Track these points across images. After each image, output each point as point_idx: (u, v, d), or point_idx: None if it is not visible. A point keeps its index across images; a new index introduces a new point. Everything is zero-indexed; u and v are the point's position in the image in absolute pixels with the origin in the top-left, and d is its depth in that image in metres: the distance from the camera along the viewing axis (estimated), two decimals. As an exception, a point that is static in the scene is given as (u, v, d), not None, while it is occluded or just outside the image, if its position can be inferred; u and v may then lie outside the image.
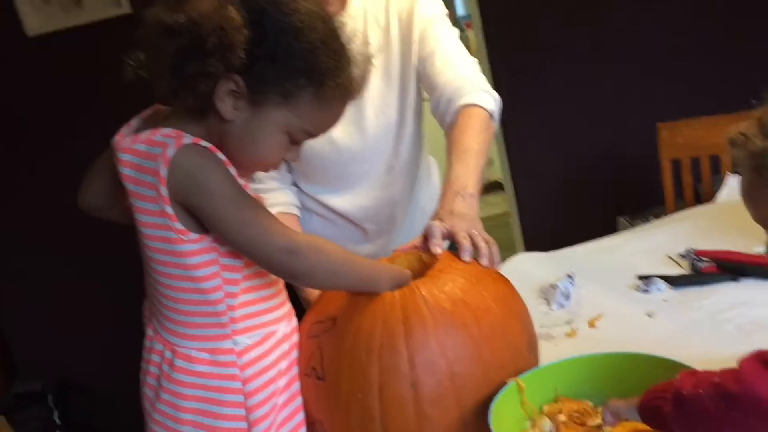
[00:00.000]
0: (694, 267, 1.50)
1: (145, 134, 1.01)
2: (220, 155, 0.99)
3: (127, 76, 1.00)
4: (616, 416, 0.97)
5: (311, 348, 1.08)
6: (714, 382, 0.78)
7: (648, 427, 0.98)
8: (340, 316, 1.07)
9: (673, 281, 1.47)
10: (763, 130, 0.75)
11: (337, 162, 1.49)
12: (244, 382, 1.04)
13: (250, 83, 0.96)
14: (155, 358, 1.09)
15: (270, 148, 1.03)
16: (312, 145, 1.45)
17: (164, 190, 0.97)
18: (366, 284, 1.08)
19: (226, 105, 0.97)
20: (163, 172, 0.96)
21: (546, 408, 1.05)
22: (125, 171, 1.02)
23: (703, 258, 1.50)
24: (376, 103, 1.48)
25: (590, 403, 1.04)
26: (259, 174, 1.49)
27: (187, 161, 0.97)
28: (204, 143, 0.98)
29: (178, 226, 0.99)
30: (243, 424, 1.04)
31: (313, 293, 1.36)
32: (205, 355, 1.05)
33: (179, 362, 1.05)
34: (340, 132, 1.47)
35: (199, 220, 1.00)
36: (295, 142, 1.04)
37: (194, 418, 1.05)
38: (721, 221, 1.70)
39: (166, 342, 1.07)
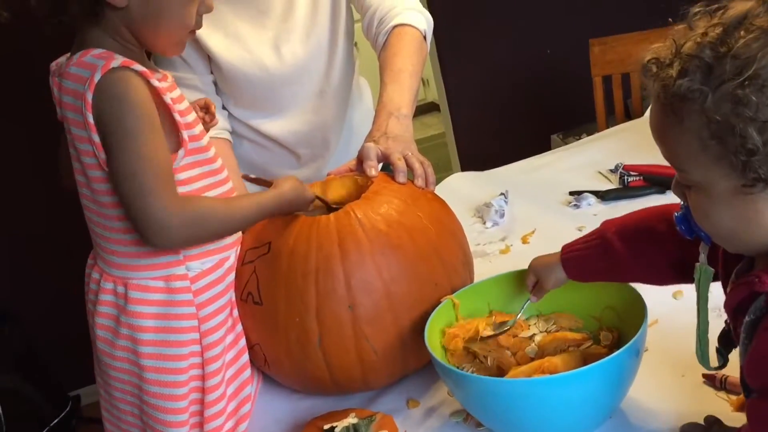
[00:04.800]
0: (623, 181, 1.54)
1: (77, 56, 0.97)
2: (154, 82, 0.96)
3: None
4: (540, 289, 1.02)
5: (247, 273, 1.08)
6: None
7: (576, 336, 1.02)
8: (274, 241, 1.07)
9: (603, 196, 1.51)
10: (680, 58, 0.65)
11: (266, 85, 1.45)
12: (198, 307, 1.04)
13: None
14: (106, 297, 1.06)
15: (179, 9, 0.99)
16: (240, 67, 1.42)
17: (90, 117, 0.94)
18: (255, 221, 1.08)
19: None
20: (89, 96, 0.93)
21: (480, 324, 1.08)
22: (65, 99, 0.98)
23: (631, 172, 1.54)
24: (306, 24, 1.44)
25: (522, 316, 1.08)
26: (187, 96, 1.40)
27: (114, 87, 0.94)
28: (137, 66, 0.95)
29: (103, 156, 0.97)
30: (197, 348, 1.05)
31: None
32: (159, 284, 1.04)
33: (134, 294, 1.04)
34: (269, 54, 1.43)
35: None
36: None
37: (154, 350, 1.04)
38: (649, 136, 1.72)
39: (117, 278, 1.05)
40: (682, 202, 0.76)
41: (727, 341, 0.80)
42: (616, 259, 0.92)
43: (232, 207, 1.04)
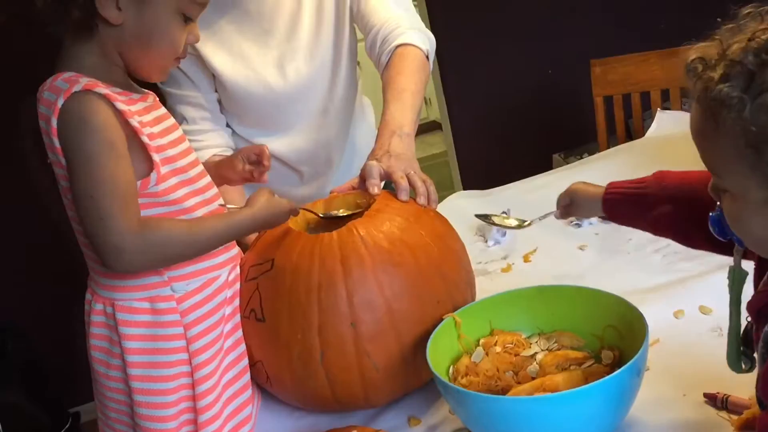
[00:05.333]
0: (624, 201, 1.54)
1: (50, 80, 0.97)
2: (119, 105, 0.96)
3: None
4: (569, 212, 1.05)
5: (250, 290, 1.09)
6: None
7: (578, 355, 1.02)
8: (278, 258, 1.07)
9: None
10: (725, 61, 0.63)
11: (270, 103, 1.46)
12: (186, 328, 1.04)
13: None
14: (98, 318, 1.06)
15: (170, 36, 1.00)
16: (244, 85, 1.43)
17: (56, 142, 0.95)
18: (227, 241, 1.07)
19: (109, 9, 0.95)
20: (54, 122, 0.94)
21: (482, 341, 1.08)
22: (41, 124, 0.98)
23: (632, 192, 1.54)
24: (310, 43, 1.45)
25: (523, 335, 1.08)
26: (192, 114, 1.46)
27: (73, 111, 0.93)
28: (99, 90, 0.94)
29: None
30: (186, 368, 1.04)
31: (251, 237, 1.36)
32: (145, 305, 1.04)
33: (121, 315, 1.04)
34: (273, 73, 1.44)
35: None
36: (189, 19, 1.02)
37: (142, 372, 1.04)
38: (650, 156, 1.75)
39: (105, 299, 1.05)
40: (717, 203, 0.74)
41: (748, 340, 0.79)
42: (658, 217, 0.93)
43: (195, 229, 1.01)
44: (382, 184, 1.20)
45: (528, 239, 1.50)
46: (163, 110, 1.07)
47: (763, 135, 0.61)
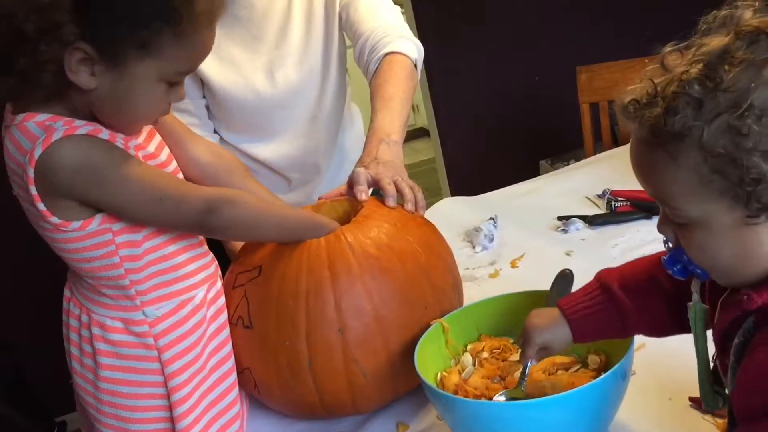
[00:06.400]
0: (610, 206, 1.56)
1: (22, 117, 0.92)
2: (103, 135, 0.93)
3: None
4: (545, 354, 0.95)
5: (238, 297, 1.08)
6: None
7: (564, 359, 1.03)
8: (265, 265, 1.07)
9: (591, 221, 1.53)
10: (665, 98, 0.64)
11: (258, 110, 1.47)
12: (160, 351, 1.02)
13: (99, 46, 0.86)
14: (73, 322, 1.05)
15: (149, 102, 0.94)
16: (233, 91, 1.43)
17: (33, 189, 0.90)
18: (290, 234, 1.07)
19: (82, 76, 0.88)
20: (30, 172, 0.89)
21: (470, 346, 1.09)
22: (7, 161, 0.94)
23: (618, 198, 1.56)
24: (299, 50, 1.46)
25: (511, 340, 1.09)
26: (181, 121, 1.45)
27: (67, 158, 0.89)
28: (81, 131, 0.91)
29: (55, 220, 0.93)
30: (162, 390, 1.02)
31: (238, 244, 1.35)
32: (119, 324, 1.02)
33: (95, 329, 1.02)
34: (262, 79, 1.45)
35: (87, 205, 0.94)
36: (174, 83, 0.95)
37: (112, 387, 1.02)
38: (636, 162, 1.76)
39: (82, 306, 1.04)
40: (666, 246, 0.74)
41: (718, 380, 0.79)
42: (625, 314, 0.89)
43: (268, 203, 1.08)
44: (370, 191, 1.21)
45: (515, 245, 1.51)
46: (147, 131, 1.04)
47: (728, 157, 0.62)
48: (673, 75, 0.65)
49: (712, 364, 0.80)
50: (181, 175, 1.07)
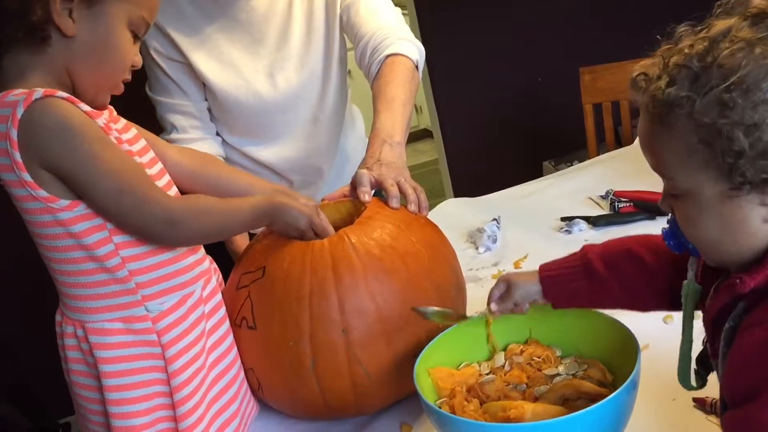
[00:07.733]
0: (613, 207, 1.56)
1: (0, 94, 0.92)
2: (83, 106, 0.93)
3: None
4: (506, 299, 0.98)
5: (241, 298, 1.09)
6: None
7: (593, 389, 0.96)
8: (269, 266, 1.08)
9: (594, 221, 1.53)
10: (668, 70, 0.68)
11: (260, 112, 1.47)
12: (164, 348, 1.00)
13: None
14: (71, 342, 1.02)
15: (122, 50, 0.97)
16: (234, 94, 1.44)
17: (18, 155, 0.89)
18: (252, 226, 1.08)
19: (64, 18, 0.92)
20: (13, 134, 0.88)
21: (510, 346, 1.06)
22: None
23: (621, 198, 1.56)
24: (300, 52, 1.46)
25: (558, 352, 1.04)
26: (182, 122, 1.46)
27: (46, 118, 0.89)
28: (60, 93, 0.91)
29: (43, 194, 0.91)
30: (165, 388, 1.01)
31: (241, 245, 1.36)
32: (119, 325, 0.99)
33: (94, 338, 0.99)
34: (263, 82, 1.45)
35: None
36: (136, 37, 0.99)
37: (119, 396, 1.00)
38: (639, 163, 1.72)
39: (76, 322, 1.01)
40: (668, 218, 0.77)
41: (706, 364, 0.81)
42: (597, 282, 0.92)
43: (223, 202, 1.03)
44: (373, 192, 1.21)
45: (518, 246, 1.51)
46: (124, 122, 1.04)
47: (714, 128, 0.64)
48: (680, 50, 0.68)
49: (701, 350, 0.81)
50: (165, 183, 1.05)
